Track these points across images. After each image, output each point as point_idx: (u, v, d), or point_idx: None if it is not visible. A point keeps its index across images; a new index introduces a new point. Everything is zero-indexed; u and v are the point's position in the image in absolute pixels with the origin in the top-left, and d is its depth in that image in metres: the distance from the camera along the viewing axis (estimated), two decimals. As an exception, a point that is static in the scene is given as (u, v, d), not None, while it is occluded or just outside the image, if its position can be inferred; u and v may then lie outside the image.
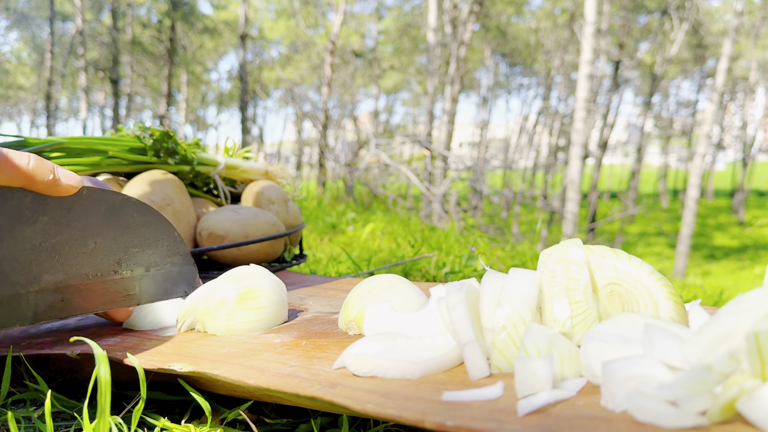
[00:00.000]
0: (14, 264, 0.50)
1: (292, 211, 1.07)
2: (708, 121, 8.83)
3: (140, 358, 0.50)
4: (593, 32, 6.86)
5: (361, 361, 0.42)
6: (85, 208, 0.54)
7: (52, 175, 0.50)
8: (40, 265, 0.52)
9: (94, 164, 0.91)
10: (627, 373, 0.32)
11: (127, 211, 0.58)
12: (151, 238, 0.60)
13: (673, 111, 20.27)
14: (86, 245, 0.55)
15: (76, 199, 0.53)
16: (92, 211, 0.55)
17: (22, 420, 0.52)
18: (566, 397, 0.35)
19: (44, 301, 0.52)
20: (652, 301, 0.43)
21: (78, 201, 0.53)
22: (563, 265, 0.44)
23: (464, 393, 0.36)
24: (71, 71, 15.06)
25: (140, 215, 0.59)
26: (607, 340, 0.37)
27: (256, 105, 20.48)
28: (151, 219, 0.60)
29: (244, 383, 0.43)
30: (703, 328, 0.32)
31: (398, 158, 6.11)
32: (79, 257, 0.54)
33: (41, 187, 0.50)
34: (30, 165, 0.49)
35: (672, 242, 13.82)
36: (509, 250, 2.43)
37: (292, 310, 0.68)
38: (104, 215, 0.56)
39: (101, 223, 0.56)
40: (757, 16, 13.29)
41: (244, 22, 12.26)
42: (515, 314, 0.41)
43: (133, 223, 0.58)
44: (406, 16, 16.18)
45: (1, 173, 0.48)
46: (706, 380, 0.28)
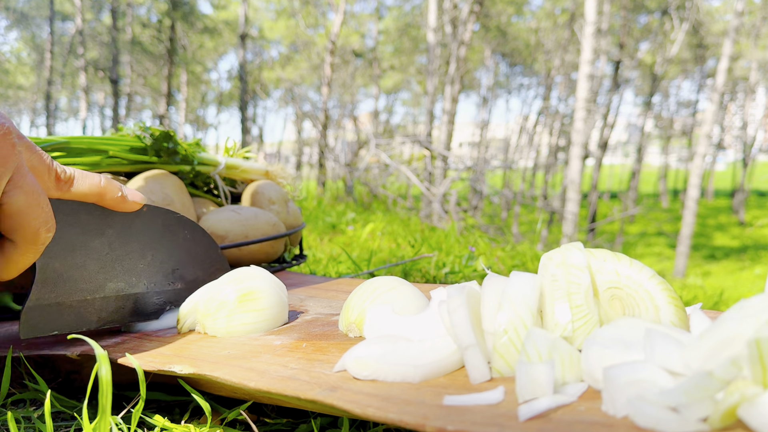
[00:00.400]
0: (83, 272, 0.55)
1: (292, 211, 1.07)
2: (708, 121, 8.83)
3: (140, 359, 0.50)
4: (593, 32, 6.86)
5: (362, 364, 0.42)
6: (144, 224, 0.60)
7: (121, 193, 0.56)
8: (105, 274, 0.57)
9: (94, 164, 0.91)
10: (628, 378, 0.32)
11: (180, 229, 0.63)
12: (199, 254, 0.65)
13: (674, 111, 20.28)
14: (145, 257, 0.60)
15: (137, 215, 0.59)
16: (151, 226, 0.60)
17: (21, 420, 0.52)
18: (567, 402, 0.35)
19: (107, 307, 0.57)
20: (653, 305, 0.43)
21: (139, 217, 0.59)
22: (564, 268, 0.44)
23: (465, 397, 0.36)
24: (71, 71, 15.06)
25: (190, 233, 0.64)
26: (609, 345, 0.37)
27: (256, 105, 20.48)
28: (199, 236, 0.65)
29: (245, 386, 0.43)
30: (704, 334, 0.32)
31: (398, 158, 6.11)
32: (138, 268, 0.60)
33: (110, 203, 0.56)
34: (102, 183, 0.55)
35: (672, 242, 13.83)
36: (509, 251, 2.43)
37: (292, 311, 0.68)
38: (161, 231, 0.61)
39: (158, 238, 0.61)
40: (758, 16, 13.29)
41: (244, 22, 12.26)
42: (516, 318, 0.41)
43: (184, 239, 0.64)
44: (406, 15, 16.19)
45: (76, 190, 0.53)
46: (708, 386, 0.28)
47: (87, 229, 0.55)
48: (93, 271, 0.56)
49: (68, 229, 0.54)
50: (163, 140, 0.96)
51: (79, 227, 0.54)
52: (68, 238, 0.54)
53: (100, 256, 0.56)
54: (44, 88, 13.72)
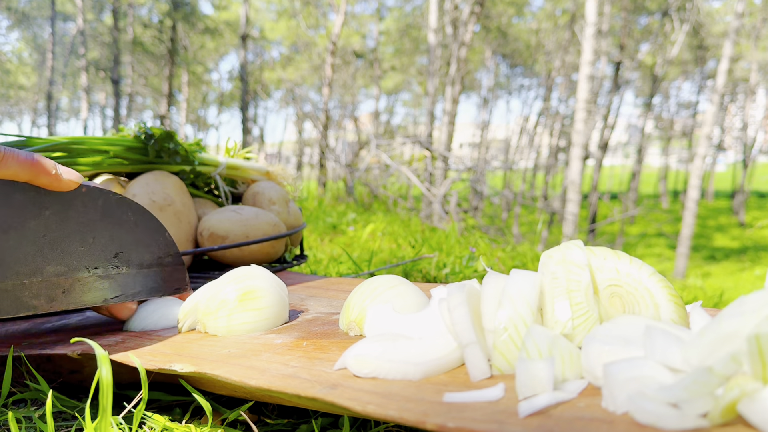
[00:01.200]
0: (19, 255, 0.53)
1: (292, 211, 1.07)
2: (708, 123, 8.82)
3: (141, 359, 0.50)
4: (594, 33, 6.86)
5: (362, 362, 0.42)
6: (84, 205, 0.57)
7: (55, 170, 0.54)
8: (43, 257, 0.54)
9: (95, 164, 0.91)
10: (628, 374, 0.32)
11: (123, 210, 0.60)
12: (144, 237, 0.62)
13: (674, 112, 20.27)
14: (85, 240, 0.57)
15: (75, 196, 0.56)
16: (90, 207, 0.58)
17: (22, 420, 0.52)
18: (567, 399, 0.35)
19: (47, 291, 0.55)
20: (653, 302, 0.43)
21: (77, 197, 0.56)
22: (564, 266, 0.45)
23: (465, 394, 0.36)
24: (72, 71, 15.06)
25: (134, 214, 0.61)
26: (609, 342, 0.37)
27: (257, 105, 20.48)
28: (145, 219, 0.62)
29: (245, 384, 0.43)
30: (704, 330, 0.32)
31: (399, 159, 6.11)
32: (78, 251, 0.57)
33: (44, 181, 0.53)
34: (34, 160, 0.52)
35: (672, 243, 13.82)
36: (510, 251, 2.43)
37: (292, 310, 0.68)
38: (101, 212, 0.58)
39: (98, 219, 0.58)
40: (758, 17, 13.29)
41: (245, 23, 12.26)
42: (516, 315, 0.41)
43: (128, 221, 0.61)
44: (407, 16, 16.19)
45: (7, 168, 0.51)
46: (708, 382, 0.28)
47: (21, 210, 0.53)
48: (29, 254, 0.53)
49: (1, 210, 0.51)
50: (165, 141, 0.96)
51: (12, 208, 0.52)
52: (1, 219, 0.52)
53: (36, 238, 0.54)
54: (45, 88, 13.73)
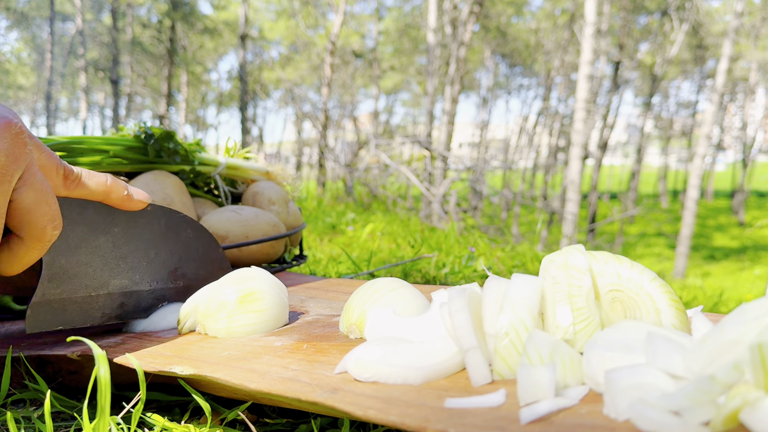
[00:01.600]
0: (89, 269, 0.56)
1: (292, 211, 1.07)
2: (708, 122, 8.83)
3: (141, 360, 0.50)
4: (593, 33, 6.86)
5: (363, 366, 0.42)
6: (148, 222, 0.61)
7: (126, 192, 0.57)
8: (110, 272, 0.58)
9: (95, 164, 0.91)
10: (630, 381, 0.32)
11: (183, 228, 0.64)
12: (200, 253, 0.66)
13: (673, 112, 20.28)
14: (148, 255, 0.61)
15: (141, 214, 0.60)
16: (155, 225, 0.62)
17: (21, 420, 0.52)
18: (569, 405, 0.35)
19: (111, 304, 0.59)
20: (654, 308, 0.43)
21: (143, 215, 0.60)
22: (566, 271, 0.44)
23: (466, 400, 0.36)
24: (71, 71, 15.05)
25: (193, 232, 0.65)
26: (610, 348, 0.37)
27: (256, 105, 20.47)
28: (202, 236, 0.67)
29: (246, 387, 0.43)
30: (706, 338, 0.32)
31: (398, 159, 6.11)
32: (142, 266, 0.61)
33: (116, 201, 0.57)
34: (108, 182, 0.56)
35: (672, 243, 13.83)
36: (509, 251, 2.43)
37: (292, 312, 0.67)
38: (164, 230, 0.62)
39: (161, 236, 0.62)
40: (757, 16, 13.30)
41: (244, 23, 12.26)
42: (517, 320, 0.41)
43: (187, 238, 0.65)
44: (406, 16, 16.18)
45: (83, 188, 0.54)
46: (710, 390, 0.28)
47: (93, 227, 0.56)
48: (98, 268, 0.57)
49: (75, 227, 0.55)
50: (164, 140, 0.96)
51: (85, 225, 0.55)
52: (75, 235, 0.55)
53: (105, 253, 0.57)
54: (44, 88, 13.72)
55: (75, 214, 0.55)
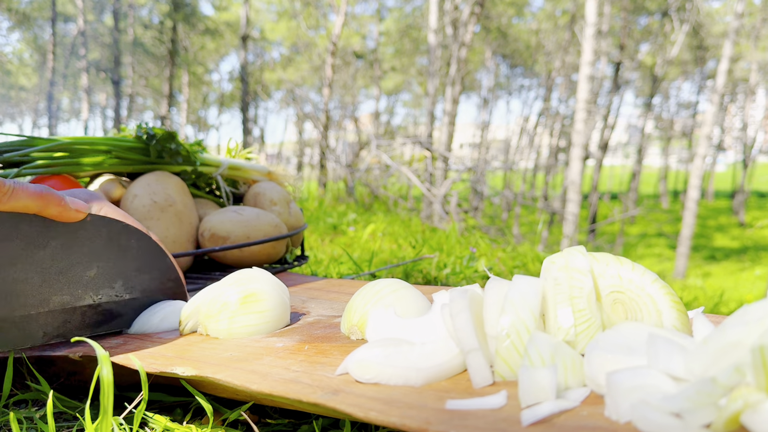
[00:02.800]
0: (26, 286, 0.53)
1: (293, 212, 1.07)
2: (708, 123, 8.82)
3: (143, 361, 0.50)
4: (594, 34, 6.85)
5: (364, 368, 0.42)
6: (89, 234, 0.58)
7: (63, 202, 0.54)
8: (49, 287, 0.55)
9: (97, 164, 0.91)
10: (631, 383, 0.32)
11: (126, 237, 0.61)
12: (147, 263, 0.63)
13: (674, 112, 20.26)
14: (90, 268, 0.58)
15: (81, 225, 0.57)
16: (95, 236, 0.58)
17: (24, 420, 0.52)
18: (570, 407, 0.35)
19: (53, 321, 0.56)
20: (655, 309, 0.43)
21: (83, 227, 0.57)
22: (567, 272, 0.44)
23: (468, 401, 0.36)
24: (73, 72, 15.06)
25: (137, 241, 0.61)
26: (611, 350, 0.37)
27: (258, 106, 20.47)
28: (147, 245, 0.63)
29: (247, 388, 0.43)
30: (707, 340, 0.32)
31: (399, 159, 6.11)
32: (84, 280, 0.58)
33: (53, 213, 0.54)
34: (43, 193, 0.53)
35: (672, 243, 13.81)
36: (510, 252, 2.43)
37: (294, 313, 0.68)
38: (106, 241, 0.59)
39: (103, 247, 0.59)
40: (758, 17, 13.29)
41: (246, 24, 12.26)
42: (519, 322, 0.41)
43: (131, 248, 0.61)
44: (407, 17, 16.18)
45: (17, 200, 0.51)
46: (711, 393, 0.28)
47: (29, 242, 0.53)
48: (36, 285, 0.54)
49: (9, 243, 0.52)
50: (166, 141, 0.96)
51: (20, 240, 0.52)
52: (9, 251, 0.52)
53: (43, 268, 0.54)
54: (46, 89, 13.73)
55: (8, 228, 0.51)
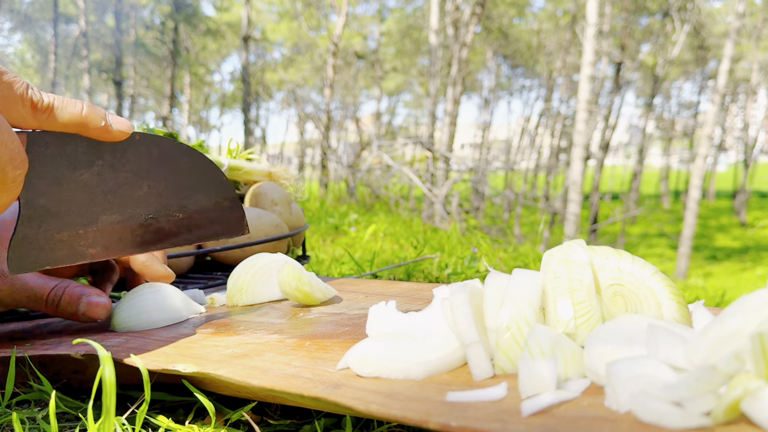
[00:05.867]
0: (73, 206, 0.53)
1: (295, 212, 1.07)
2: (710, 123, 8.82)
3: (144, 359, 0.50)
4: (595, 34, 6.86)
5: (365, 362, 0.42)
6: (137, 153, 0.56)
7: (104, 122, 0.52)
8: (97, 207, 0.55)
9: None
10: (631, 373, 0.32)
11: (177, 155, 0.59)
12: (200, 181, 0.61)
13: (675, 112, 20.27)
14: (140, 188, 0.57)
15: (129, 145, 0.56)
16: (145, 155, 0.57)
17: (26, 420, 0.52)
18: (570, 398, 0.35)
19: (102, 240, 0.56)
20: (655, 301, 0.43)
21: (131, 146, 0.56)
22: (566, 265, 0.45)
23: (468, 393, 0.36)
24: (75, 73, 15.09)
25: (189, 159, 0.60)
26: (611, 341, 0.37)
27: (259, 106, 20.49)
28: (200, 163, 0.61)
29: (248, 384, 0.43)
30: (707, 329, 0.32)
31: (400, 160, 6.11)
32: (133, 199, 0.57)
33: (94, 133, 0.52)
34: (84, 112, 0.51)
35: (674, 243, 13.81)
36: (511, 252, 2.43)
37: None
38: (156, 159, 0.58)
39: (153, 167, 0.58)
40: (759, 17, 13.29)
41: (247, 24, 12.27)
42: (519, 315, 0.41)
43: (183, 166, 0.60)
44: (408, 17, 16.20)
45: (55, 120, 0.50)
46: (711, 381, 0.28)
47: (74, 162, 0.53)
48: (83, 205, 0.54)
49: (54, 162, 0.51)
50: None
51: (65, 160, 0.52)
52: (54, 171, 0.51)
53: (90, 188, 0.54)
54: (48, 89, 13.75)
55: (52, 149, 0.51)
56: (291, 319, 0.62)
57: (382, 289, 0.76)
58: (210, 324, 0.63)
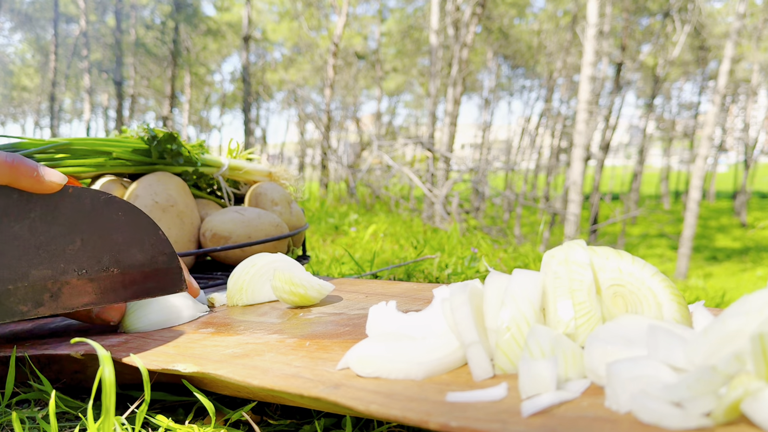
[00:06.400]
0: (3, 260, 0.51)
1: (295, 212, 1.07)
2: (710, 123, 8.82)
3: (144, 359, 0.50)
4: (595, 34, 6.86)
5: (365, 362, 0.42)
6: (71, 206, 0.56)
7: (36, 173, 0.52)
8: (28, 261, 0.53)
9: (98, 165, 0.92)
10: (631, 374, 0.32)
11: (112, 210, 0.58)
12: (135, 236, 0.60)
13: (675, 113, 20.27)
14: (73, 242, 0.56)
15: (62, 197, 0.55)
16: (78, 208, 0.56)
17: (26, 420, 0.52)
18: (570, 398, 0.35)
19: (33, 296, 0.53)
20: (655, 302, 0.43)
21: (64, 199, 0.55)
22: (567, 266, 0.45)
23: (468, 394, 0.36)
24: (75, 72, 15.10)
25: (124, 214, 0.59)
26: (611, 341, 0.37)
27: (259, 106, 20.48)
28: (136, 218, 0.60)
29: (248, 384, 0.43)
30: (707, 329, 0.32)
31: (401, 160, 6.10)
32: (66, 254, 0.55)
33: (26, 184, 0.52)
34: (13, 163, 0.51)
35: (674, 244, 13.80)
36: (512, 252, 2.43)
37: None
38: (89, 213, 0.57)
39: (87, 220, 0.57)
40: (759, 18, 13.28)
41: (247, 24, 12.28)
42: (519, 315, 0.41)
43: (118, 221, 0.59)
44: (409, 18, 16.19)
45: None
46: (711, 381, 0.28)
47: (5, 214, 0.52)
48: (14, 258, 0.52)
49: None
50: (167, 142, 0.96)
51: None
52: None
53: (21, 242, 0.53)
54: (48, 89, 13.77)
55: None
56: (291, 319, 0.62)
57: (383, 290, 0.76)
58: (210, 324, 0.63)
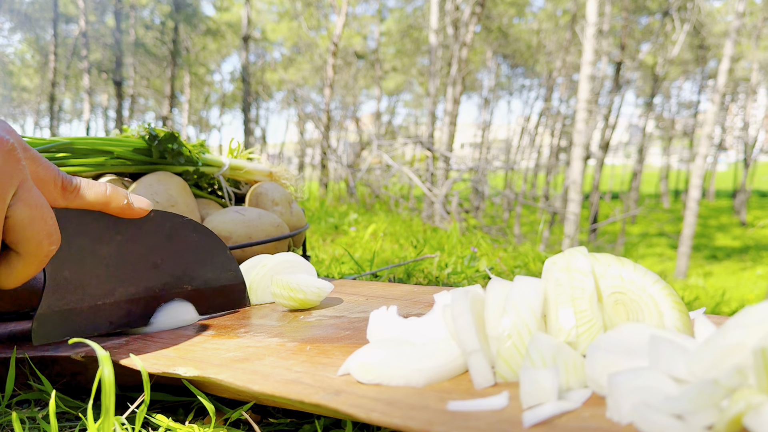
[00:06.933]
0: (93, 279, 0.57)
1: (295, 212, 1.07)
2: (709, 122, 8.82)
3: (145, 361, 0.50)
4: (595, 33, 6.85)
5: (366, 369, 0.42)
6: (153, 229, 0.61)
7: (126, 200, 0.57)
8: (115, 280, 0.59)
9: (98, 165, 0.91)
10: (633, 385, 0.32)
11: (187, 231, 0.65)
12: (206, 255, 0.66)
13: (675, 112, 20.28)
14: (154, 262, 0.62)
15: (145, 221, 0.61)
16: (158, 231, 0.62)
17: (26, 420, 0.52)
18: (572, 409, 0.35)
19: (118, 311, 0.59)
20: (657, 310, 0.43)
21: (147, 222, 0.61)
22: (568, 273, 0.44)
23: (469, 403, 0.36)
24: (75, 73, 15.09)
25: (198, 235, 0.65)
26: (613, 351, 0.37)
27: (259, 106, 20.48)
28: (207, 238, 0.66)
29: (249, 389, 0.43)
30: (709, 341, 0.32)
31: (400, 159, 6.10)
32: (147, 273, 0.61)
33: (116, 210, 0.57)
34: (108, 192, 0.56)
35: (674, 243, 13.81)
36: (511, 251, 2.43)
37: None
38: (168, 235, 0.63)
39: (166, 241, 0.63)
40: (759, 17, 13.28)
41: (247, 24, 12.27)
42: (520, 322, 0.41)
43: (192, 241, 0.65)
44: (408, 17, 16.19)
45: (82, 199, 0.54)
46: (713, 394, 0.28)
47: (96, 237, 0.56)
48: (103, 277, 0.57)
49: (77, 238, 0.55)
50: (168, 142, 0.96)
51: (87, 235, 0.56)
52: (78, 246, 0.55)
53: (109, 262, 0.58)
54: (48, 89, 13.77)
55: (76, 225, 0.55)
56: (291, 322, 0.62)
57: (383, 292, 0.76)
58: (210, 326, 0.63)
